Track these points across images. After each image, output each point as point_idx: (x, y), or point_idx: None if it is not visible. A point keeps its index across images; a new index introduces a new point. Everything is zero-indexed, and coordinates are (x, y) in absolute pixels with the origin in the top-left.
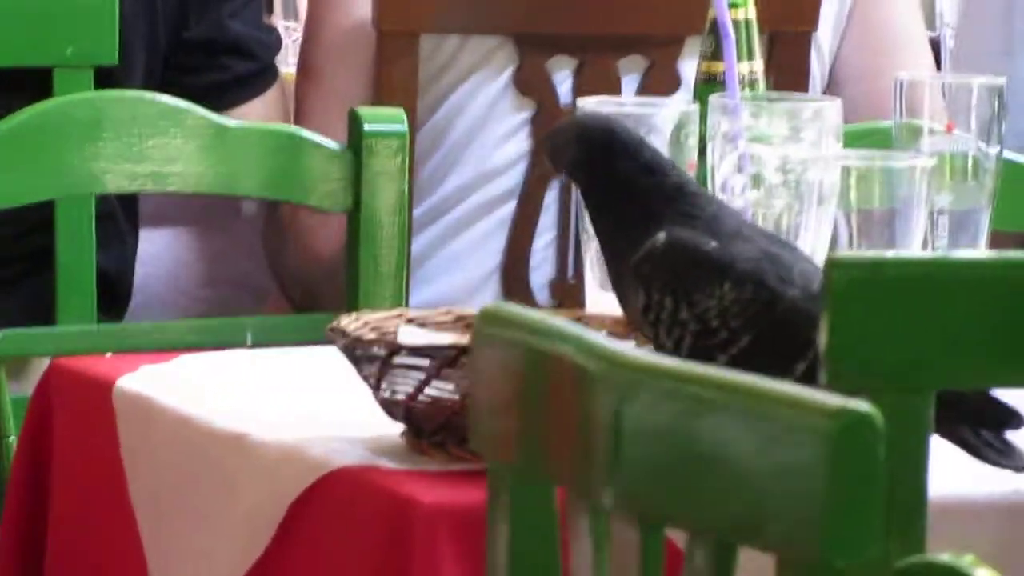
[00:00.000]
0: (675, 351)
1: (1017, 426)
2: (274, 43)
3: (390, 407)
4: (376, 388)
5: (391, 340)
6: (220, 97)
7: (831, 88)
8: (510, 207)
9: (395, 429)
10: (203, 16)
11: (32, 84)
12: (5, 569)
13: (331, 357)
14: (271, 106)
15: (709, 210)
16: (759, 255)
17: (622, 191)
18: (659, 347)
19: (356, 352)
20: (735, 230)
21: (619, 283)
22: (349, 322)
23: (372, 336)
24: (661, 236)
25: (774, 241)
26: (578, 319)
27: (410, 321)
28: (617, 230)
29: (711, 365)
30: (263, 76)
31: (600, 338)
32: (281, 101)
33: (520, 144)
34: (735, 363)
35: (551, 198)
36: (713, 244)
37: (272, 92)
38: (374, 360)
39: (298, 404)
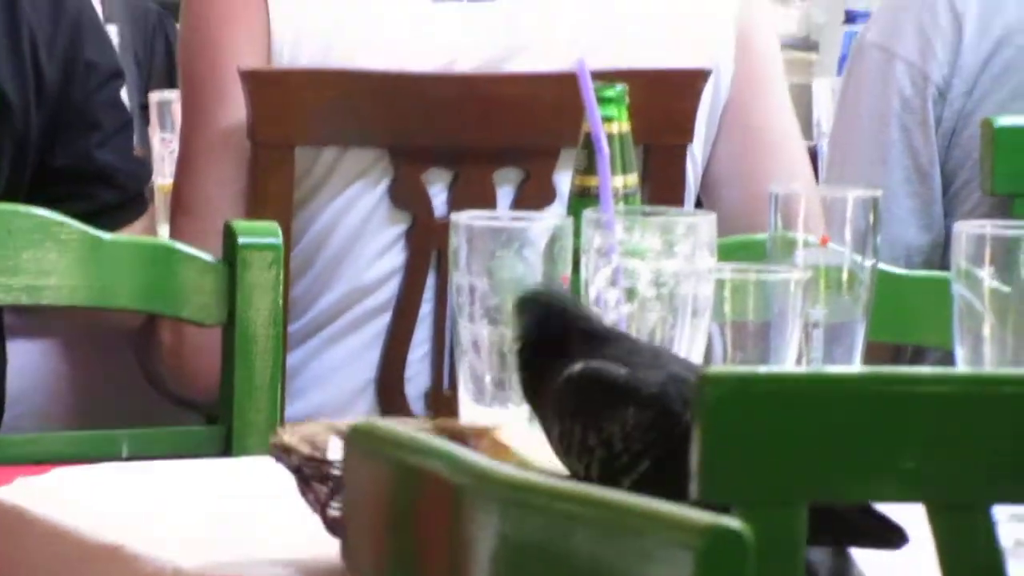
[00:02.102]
0: (585, 477)
1: (897, 544)
2: (143, 174)
3: (338, 527)
4: (325, 506)
5: None
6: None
7: (705, 192)
8: (384, 320)
9: (268, 538)
10: (70, 145)
11: None
12: None
13: (204, 469)
14: (139, 236)
15: (627, 344)
16: (665, 379)
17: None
18: (572, 474)
19: (306, 471)
20: (651, 359)
21: (541, 417)
22: (289, 436)
23: (308, 451)
24: (577, 366)
25: (690, 367)
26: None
27: (339, 433)
28: (540, 371)
29: (616, 489)
30: (131, 206)
31: (470, 454)
32: (150, 231)
33: (395, 258)
34: (637, 487)
35: (426, 310)
36: (623, 371)
37: (141, 223)
38: (327, 479)
39: (173, 517)
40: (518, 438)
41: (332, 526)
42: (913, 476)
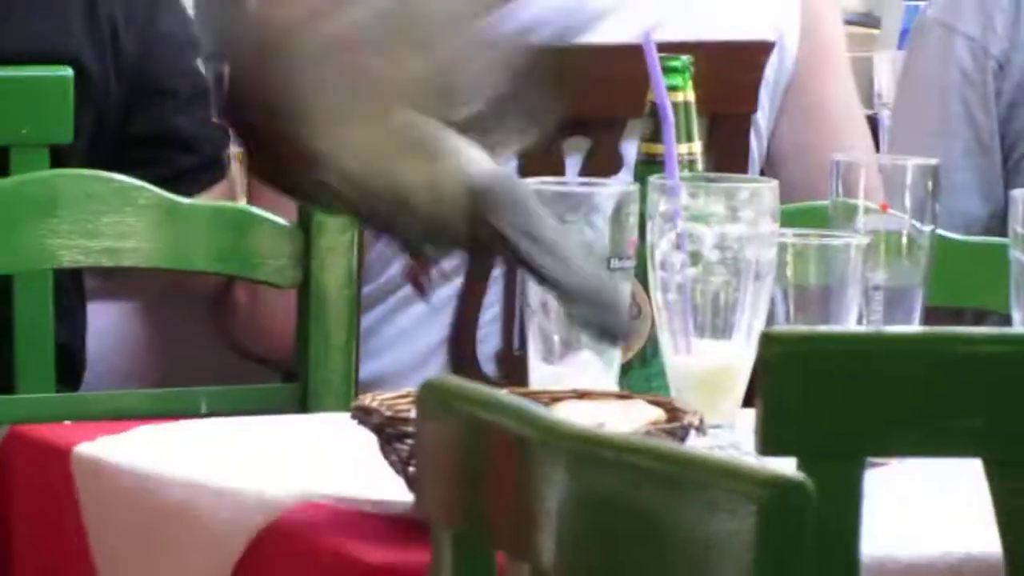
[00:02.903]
0: None
1: None
2: (220, 140)
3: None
4: (406, 465)
5: None
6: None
7: (769, 164)
8: (456, 283)
9: (346, 493)
10: (148, 112)
11: None
12: None
13: (279, 426)
14: (218, 200)
15: None
16: None
17: None
18: None
19: (388, 431)
20: None
21: None
22: (370, 402)
23: (389, 413)
24: None
25: None
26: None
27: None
28: None
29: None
30: (209, 171)
31: (539, 409)
32: (229, 197)
33: None
34: None
35: (496, 273)
36: None
37: (219, 187)
38: (407, 439)
39: (251, 473)
40: (583, 412)
41: (412, 483)
42: (970, 433)
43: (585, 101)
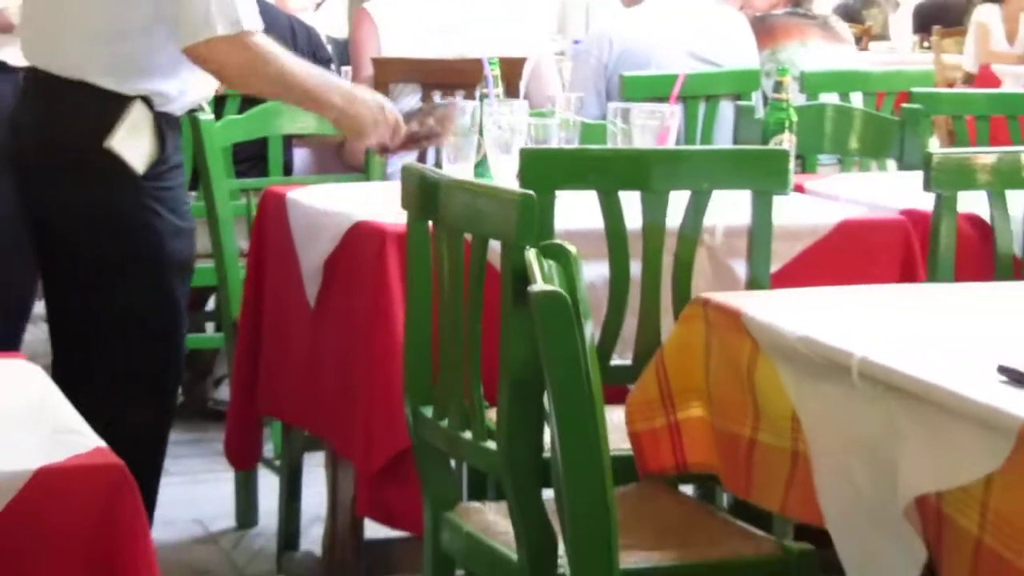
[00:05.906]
0: None
1: None
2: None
3: None
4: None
5: None
6: None
7: (526, 97)
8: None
9: (376, 207)
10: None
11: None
12: (249, 296)
13: (360, 186)
14: None
15: None
16: None
17: None
18: None
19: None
20: None
21: None
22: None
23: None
24: None
25: None
26: None
27: None
28: None
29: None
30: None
31: (443, 173)
32: None
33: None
34: None
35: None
36: None
37: None
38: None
39: (352, 198)
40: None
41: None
42: (605, 177)
43: (465, 78)
